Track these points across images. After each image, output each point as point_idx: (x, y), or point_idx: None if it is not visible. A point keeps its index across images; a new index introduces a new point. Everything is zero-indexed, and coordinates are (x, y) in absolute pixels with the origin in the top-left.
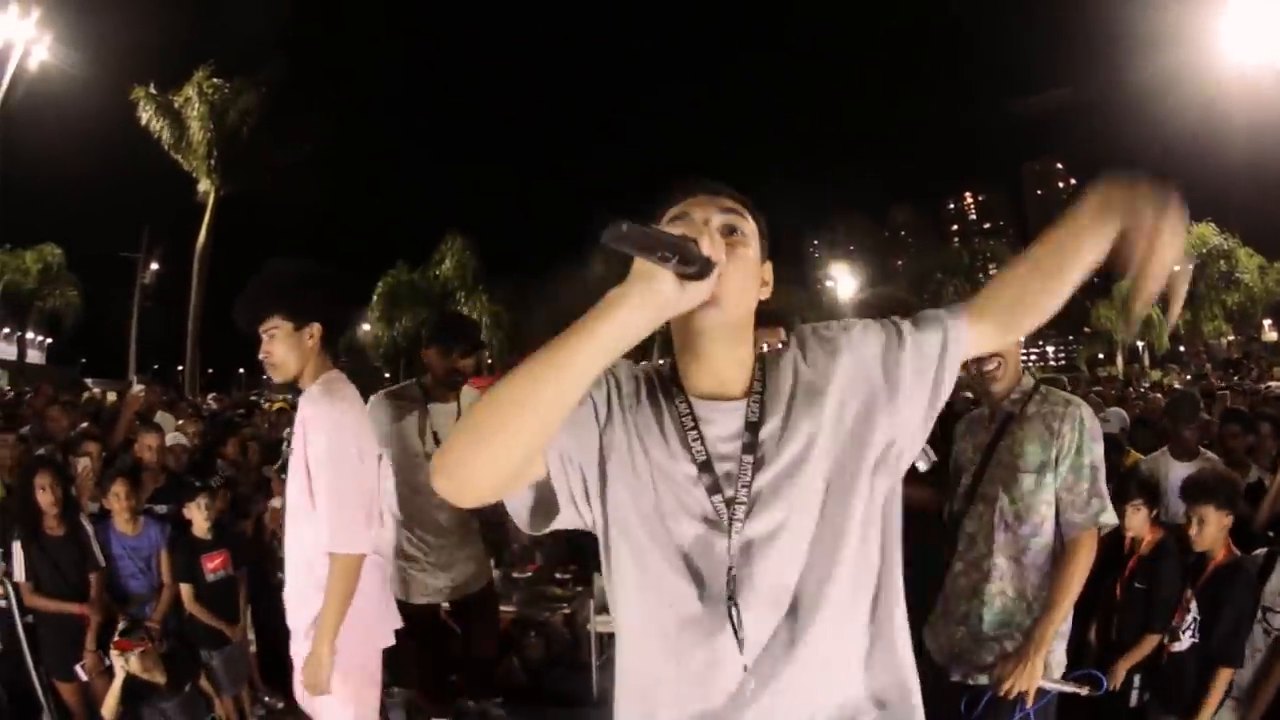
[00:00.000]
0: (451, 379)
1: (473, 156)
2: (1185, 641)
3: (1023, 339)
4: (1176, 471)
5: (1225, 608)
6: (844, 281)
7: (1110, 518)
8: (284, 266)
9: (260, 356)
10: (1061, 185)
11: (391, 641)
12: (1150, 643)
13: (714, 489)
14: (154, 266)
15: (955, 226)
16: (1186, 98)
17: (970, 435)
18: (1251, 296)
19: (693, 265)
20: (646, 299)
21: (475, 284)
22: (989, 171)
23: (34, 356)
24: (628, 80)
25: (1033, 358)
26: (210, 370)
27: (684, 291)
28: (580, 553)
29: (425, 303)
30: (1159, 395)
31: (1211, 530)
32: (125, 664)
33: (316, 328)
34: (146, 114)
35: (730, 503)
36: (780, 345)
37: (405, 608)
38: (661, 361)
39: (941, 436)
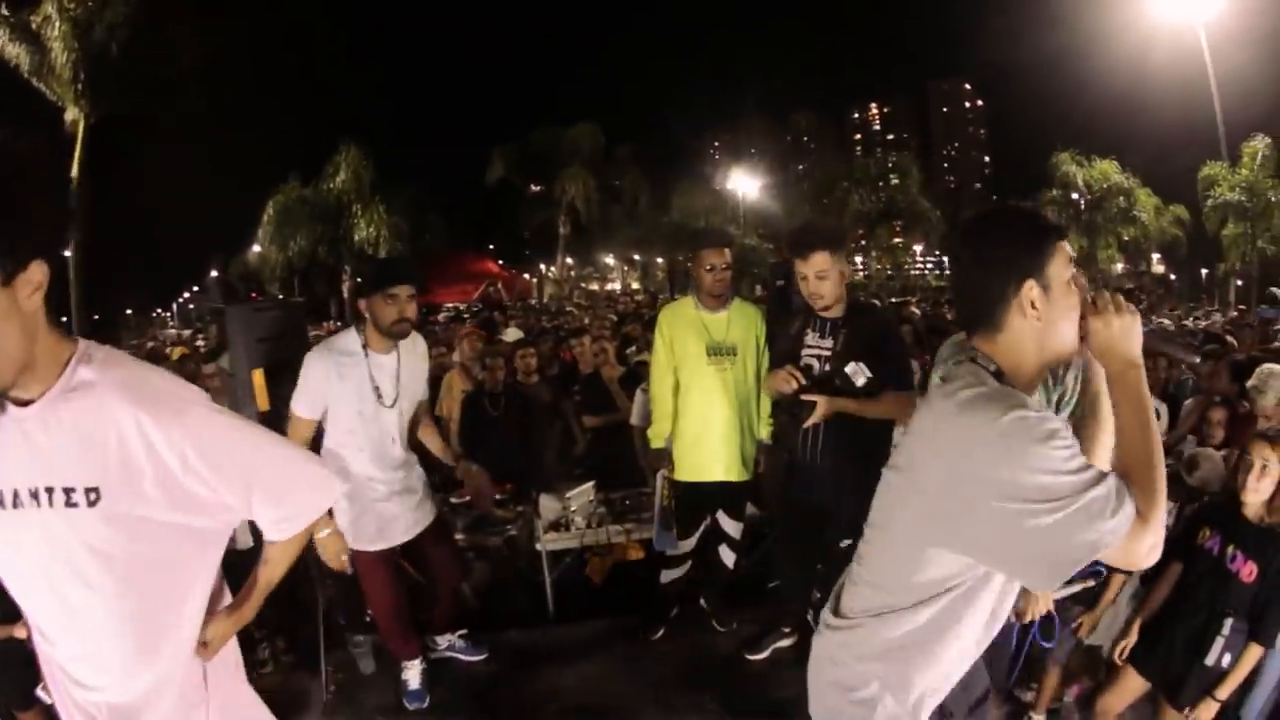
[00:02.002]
0: (398, 326)
1: (362, 60)
2: None
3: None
4: None
5: None
6: (745, 184)
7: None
8: None
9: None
10: (968, 105)
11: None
12: None
13: None
14: None
15: (858, 136)
16: (1106, 44)
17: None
18: (1146, 233)
19: None
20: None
21: (372, 195)
22: (895, 84)
23: None
24: None
25: (930, 266)
26: (96, 316)
27: None
28: (515, 473)
29: (320, 219)
30: None
31: None
32: None
33: None
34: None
35: None
36: (727, 268)
37: (361, 556)
38: None
39: (896, 345)
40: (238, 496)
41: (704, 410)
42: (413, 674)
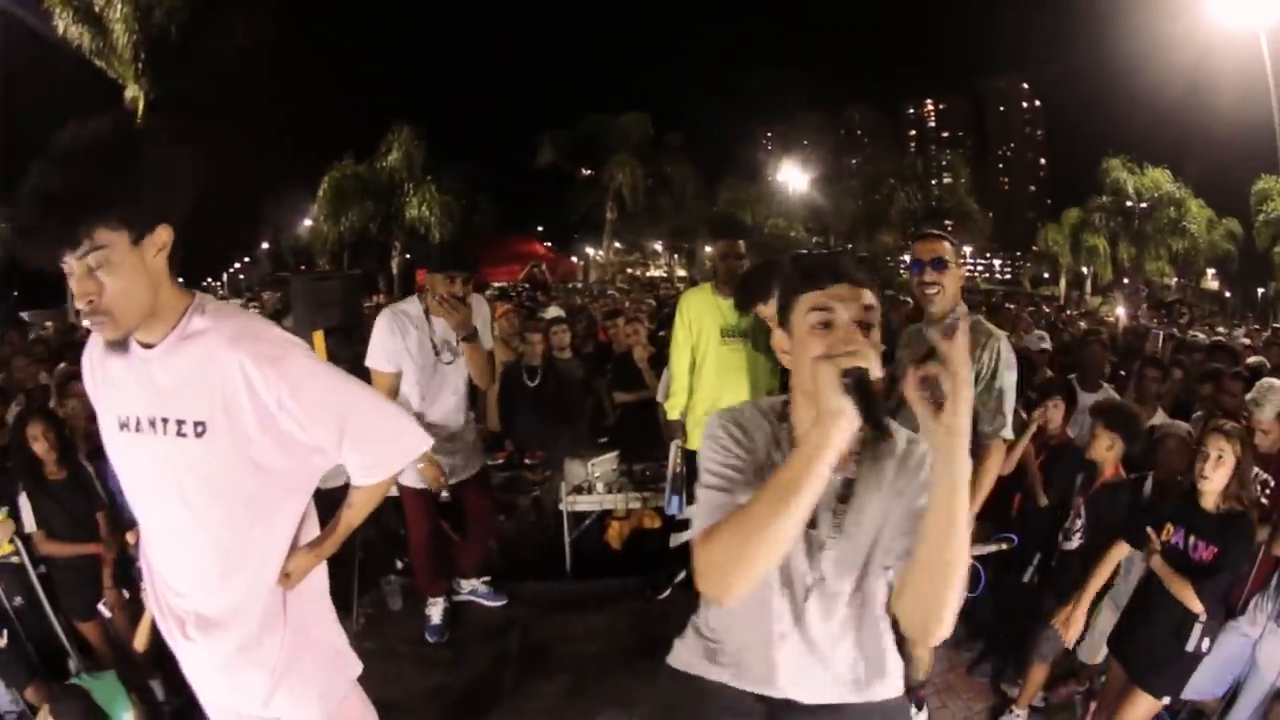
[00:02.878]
0: (450, 302)
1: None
2: (1075, 542)
3: (966, 256)
4: (1083, 400)
5: (1109, 517)
6: (795, 178)
7: (1009, 433)
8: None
9: None
10: (1025, 106)
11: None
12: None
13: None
14: None
15: (913, 132)
16: (1161, 49)
17: (910, 348)
18: (1196, 246)
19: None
20: (840, 435)
21: (423, 175)
22: (952, 81)
23: None
24: None
25: (979, 268)
26: None
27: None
28: (548, 439)
29: (373, 196)
30: (1081, 327)
31: (1114, 451)
32: None
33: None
34: (63, 21)
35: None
36: (739, 258)
37: (407, 491)
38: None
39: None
40: (330, 439)
41: (717, 387)
42: (436, 611)
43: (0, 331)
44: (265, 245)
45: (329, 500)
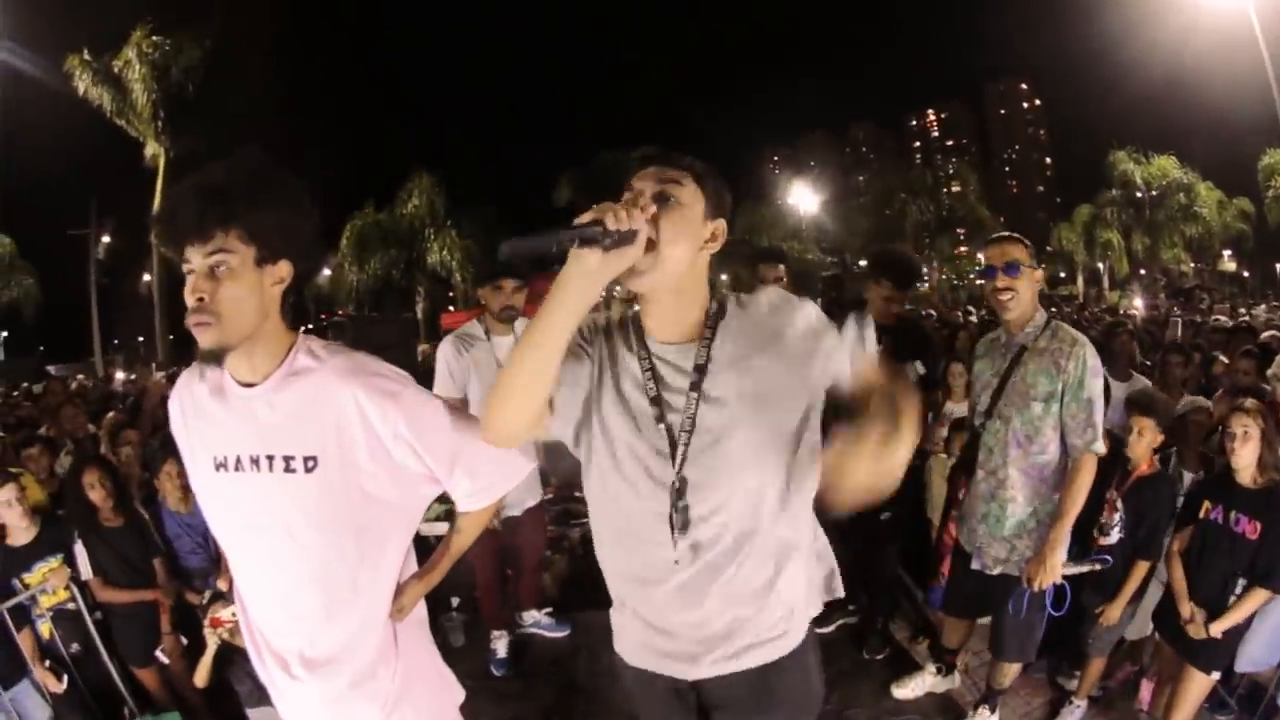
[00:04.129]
0: (506, 312)
1: (432, 91)
2: (1113, 537)
3: (1038, 277)
4: (1115, 391)
5: (1148, 512)
6: (805, 199)
7: (1100, 448)
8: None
9: None
10: (1026, 106)
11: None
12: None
13: (660, 419)
14: (105, 240)
15: (917, 144)
16: (1159, 34)
17: (989, 358)
18: (1209, 229)
19: (599, 241)
20: (576, 278)
21: (444, 221)
22: (951, 88)
23: None
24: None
25: None
26: (171, 337)
27: (610, 260)
28: None
29: (395, 243)
30: (1109, 317)
31: (1146, 441)
32: (219, 637)
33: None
34: (84, 83)
35: (675, 430)
36: (779, 279)
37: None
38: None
39: (934, 350)
40: (443, 468)
41: None
42: (501, 644)
43: (29, 384)
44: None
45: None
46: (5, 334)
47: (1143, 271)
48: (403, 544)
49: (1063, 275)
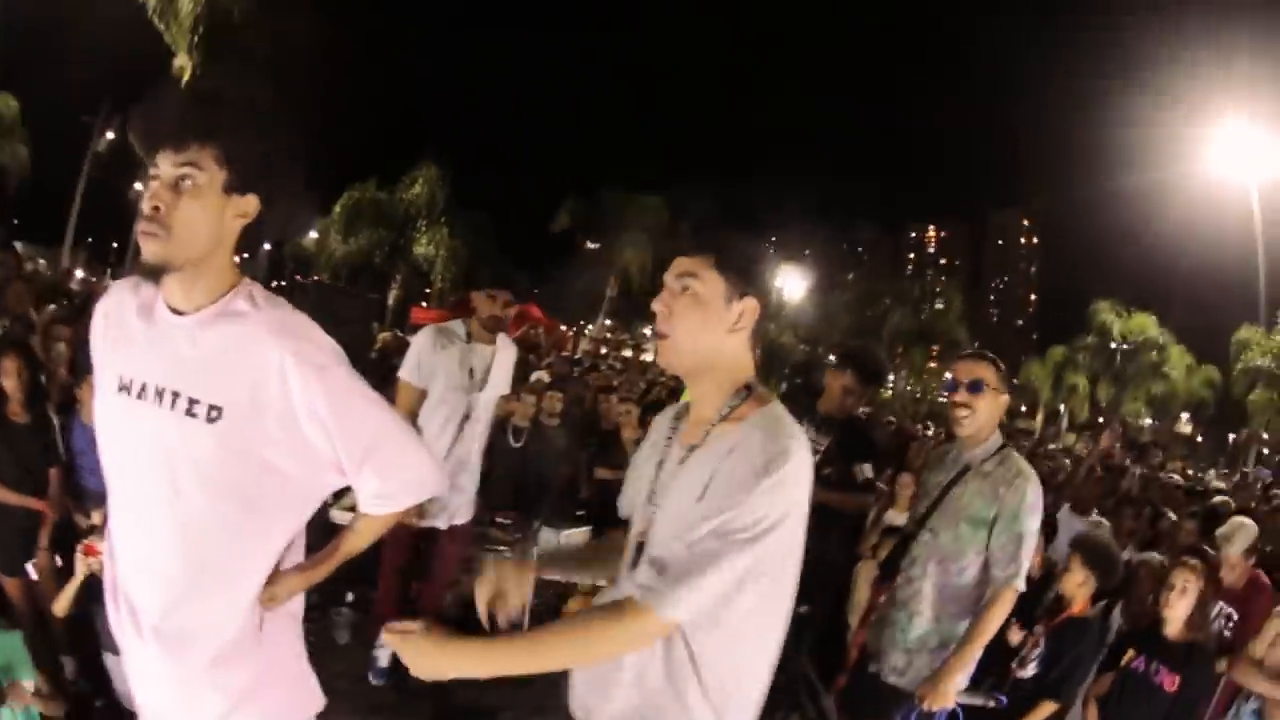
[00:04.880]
0: (492, 322)
1: (454, 82)
2: (1029, 670)
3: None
4: (1069, 522)
5: (1068, 651)
6: (792, 283)
7: (1021, 584)
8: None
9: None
10: (1023, 241)
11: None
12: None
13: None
14: (109, 136)
15: (912, 255)
16: (1162, 197)
17: (938, 470)
18: (1174, 390)
19: None
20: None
21: (440, 215)
22: (958, 208)
23: None
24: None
25: None
26: None
27: None
28: (521, 503)
29: (387, 225)
30: (1066, 460)
31: (1079, 581)
32: (89, 567)
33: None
34: None
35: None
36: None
37: (400, 526)
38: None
39: (880, 455)
40: (351, 460)
41: None
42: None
43: None
44: (267, 247)
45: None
46: None
47: (1100, 420)
48: (290, 527)
49: (1023, 409)
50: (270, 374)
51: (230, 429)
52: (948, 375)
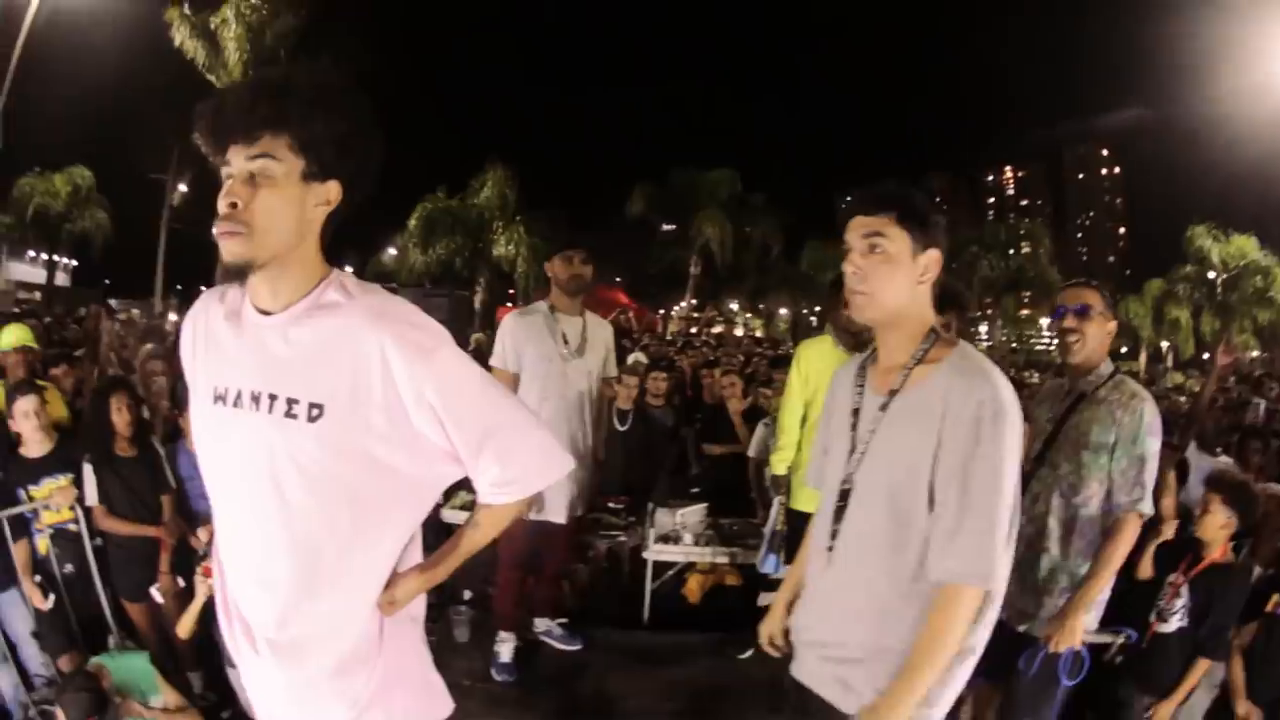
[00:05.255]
0: (574, 282)
1: (515, 86)
2: (1172, 625)
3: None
4: (1199, 461)
5: (1217, 603)
6: None
7: (1147, 508)
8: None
9: None
10: (1104, 172)
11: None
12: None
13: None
14: (182, 189)
15: (991, 200)
16: (1245, 113)
17: (1048, 404)
18: None
19: None
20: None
21: (513, 215)
22: (1031, 148)
23: (61, 280)
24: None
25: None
26: None
27: None
28: (633, 484)
29: (463, 231)
30: (1180, 398)
31: (1218, 524)
32: (209, 588)
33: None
34: (180, 35)
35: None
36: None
37: (518, 522)
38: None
39: None
40: (467, 447)
41: None
42: (506, 648)
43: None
44: (349, 269)
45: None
46: (75, 264)
47: (1206, 356)
48: (406, 526)
49: (1124, 350)
50: (371, 363)
51: (334, 427)
52: (1043, 326)
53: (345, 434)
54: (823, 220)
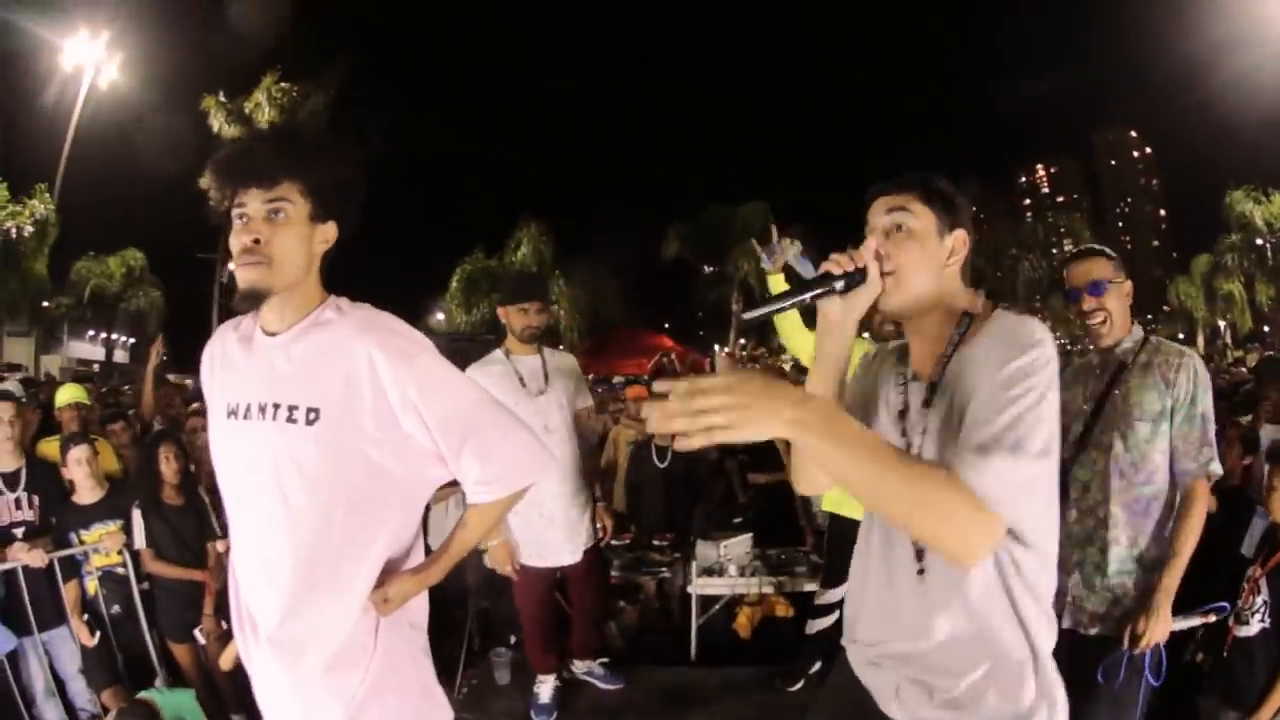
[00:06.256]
0: (528, 332)
1: (544, 139)
2: (1254, 626)
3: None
4: (1267, 433)
5: None
6: None
7: (1217, 468)
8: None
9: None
10: (1136, 155)
11: None
12: None
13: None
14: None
15: (1027, 200)
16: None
17: (1080, 384)
18: None
19: (832, 289)
20: (824, 333)
21: (552, 269)
22: (1059, 142)
23: (119, 357)
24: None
25: None
26: None
27: (851, 302)
28: (677, 519)
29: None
30: (1243, 370)
31: None
32: None
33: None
34: (218, 121)
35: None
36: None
37: (525, 571)
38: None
39: None
40: (449, 447)
41: None
42: (545, 689)
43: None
44: None
45: None
46: (133, 340)
47: (1266, 328)
48: (399, 527)
49: (1181, 336)
50: (361, 369)
51: (329, 429)
52: (1068, 289)
53: (340, 436)
54: (857, 243)
